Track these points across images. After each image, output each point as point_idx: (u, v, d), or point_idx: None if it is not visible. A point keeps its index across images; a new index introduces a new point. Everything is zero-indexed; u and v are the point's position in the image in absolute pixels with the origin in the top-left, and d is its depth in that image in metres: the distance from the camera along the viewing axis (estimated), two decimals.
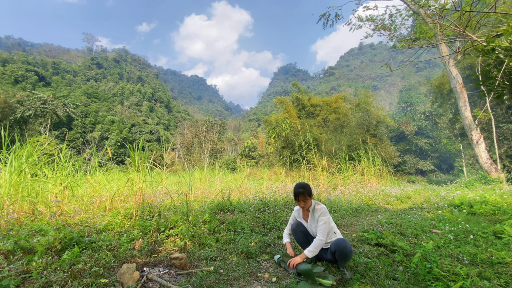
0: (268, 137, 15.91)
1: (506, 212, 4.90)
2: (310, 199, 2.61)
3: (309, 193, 2.58)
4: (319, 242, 2.42)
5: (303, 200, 2.59)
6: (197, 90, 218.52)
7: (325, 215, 2.51)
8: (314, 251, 2.42)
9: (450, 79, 11.25)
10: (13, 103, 35.35)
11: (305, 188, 2.57)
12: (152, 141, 55.18)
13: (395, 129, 34.10)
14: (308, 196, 2.58)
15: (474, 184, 9.65)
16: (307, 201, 2.61)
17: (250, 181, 8.35)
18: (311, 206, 2.66)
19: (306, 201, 2.60)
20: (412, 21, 10.16)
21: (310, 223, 2.68)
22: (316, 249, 2.42)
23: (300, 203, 2.62)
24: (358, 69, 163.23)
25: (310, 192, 2.59)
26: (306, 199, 2.59)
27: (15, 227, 2.91)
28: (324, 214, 2.52)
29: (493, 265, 2.57)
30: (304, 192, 2.57)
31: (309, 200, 2.61)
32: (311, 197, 2.62)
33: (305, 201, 2.60)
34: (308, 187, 2.59)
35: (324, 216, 2.51)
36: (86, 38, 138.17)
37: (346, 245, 2.36)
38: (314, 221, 2.63)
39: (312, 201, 2.65)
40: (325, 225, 2.47)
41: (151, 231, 3.30)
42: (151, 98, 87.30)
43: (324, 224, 2.47)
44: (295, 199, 2.63)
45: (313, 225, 2.64)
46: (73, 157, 5.64)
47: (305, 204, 2.62)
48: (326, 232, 2.47)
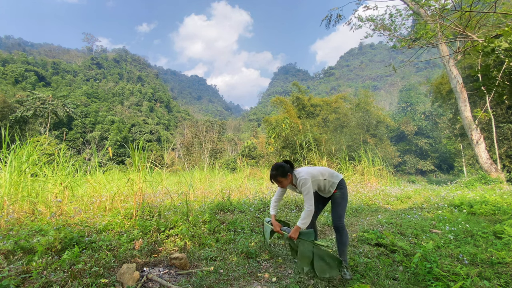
0: (268, 137, 15.91)
1: (506, 212, 4.90)
2: (286, 179, 2.52)
3: (282, 175, 2.49)
4: (308, 213, 2.41)
5: (277, 182, 2.54)
6: (197, 90, 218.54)
7: (306, 184, 2.44)
8: (305, 222, 2.41)
9: (450, 79, 11.25)
10: (12, 103, 35.35)
11: (277, 170, 2.50)
12: (152, 141, 55.18)
13: (395, 129, 34.12)
14: (282, 178, 2.50)
15: (474, 184, 9.65)
16: (283, 182, 2.53)
17: (250, 181, 8.35)
18: (292, 181, 2.57)
19: (282, 182, 2.53)
20: (412, 21, 10.15)
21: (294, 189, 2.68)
22: (306, 219, 2.41)
23: (279, 184, 2.57)
24: (358, 69, 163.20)
25: (283, 173, 2.49)
26: (281, 181, 2.52)
27: (15, 227, 2.91)
28: (305, 183, 2.44)
29: (493, 265, 2.57)
30: (276, 175, 2.50)
31: (285, 180, 2.52)
32: (287, 177, 2.52)
33: (280, 182, 2.54)
34: (280, 169, 2.50)
35: (304, 186, 2.44)
36: (86, 38, 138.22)
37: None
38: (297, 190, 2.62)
39: (292, 176, 2.56)
40: (308, 194, 2.43)
41: (151, 231, 3.30)
42: (151, 98, 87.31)
43: (308, 194, 2.43)
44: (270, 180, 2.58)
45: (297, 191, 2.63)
46: (73, 157, 5.62)
47: (282, 184, 2.56)
48: (312, 201, 2.44)
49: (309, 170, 2.57)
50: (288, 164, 2.58)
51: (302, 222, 2.40)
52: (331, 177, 2.60)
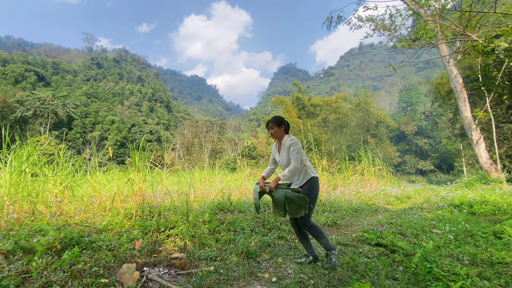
0: (268, 137, 15.90)
1: (506, 212, 4.90)
2: (279, 129, 2.67)
3: (277, 123, 2.66)
4: (293, 168, 2.49)
5: (270, 127, 2.67)
6: (197, 90, 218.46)
7: (296, 145, 2.55)
8: (286, 175, 2.50)
9: (450, 79, 11.25)
10: (12, 103, 35.34)
11: (275, 118, 2.68)
12: (152, 141, 55.17)
13: (395, 129, 34.12)
14: (276, 125, 2.65)
15: (474, 184, 9.65)
16: (275, 130, 2.66)
17: (250, 181, 8.34)
18: (283, 139, 2.69)
19: (274, 129, 2.66)
20: (412, 21, 10.15)
21: (282, 154, 2.70)
22: (289, 173, 2.49)
23: (269, 130, 2.69)
24: (358, 69, 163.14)
25: (279, 122, 2.66)
26: (273, 127, 2.66)
27: (15, 227, 2.91)
28: (295, 144, 2.56)
29: (493, 265, 2.57)
30: (273, 121, 2.66)
31: (278, 130, 2.66)
32: (281, 128, 2.68)
33: (272, 129, 2.67)
34: (278, 118, 2.69)
35: (295, 146, 2.55)
36: (86, 38, 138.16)
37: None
38: (285, 152, 2.66)
39: (285, 135, 2.71)
40: (297, 154, 2.52)
41: (151, 231, 3.30)
42: (151, 98, 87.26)
43: (297, 154, 2.52)
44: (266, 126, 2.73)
45: (285, 156, 2.67)
46: (73, 157, 5.62)
47: (273, 133, 2.67)
48: (299, 160, 2.53)
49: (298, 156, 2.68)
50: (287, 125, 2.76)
51: (283, 174, 2.52)
52: (310, 168, 2.66)
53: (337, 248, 2.68)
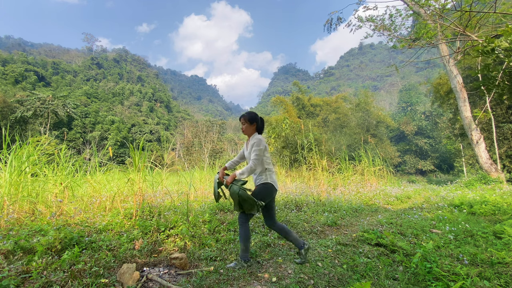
0: (268, 137, 15.90)
1: (506, 212, 4.90)
2: (250, 126, 2.65)
3: (250, 120, 2.64)
4: (249, 168, 2.52)
5: (242, 123, 2.67)
6: (197, 90, 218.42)
7: (259, 146, 2.53)
8: (242, 174, 2.52)
9: (450, 79, 11.24)
10: (12, 103, 35.33)
11: (249, 114, 2.66)
12: (152, 141, 55.17)
13: (395, 129, 34.11)
14: (248, 122, 2.64)
15: (474, 184, 9.65)
16: (246, 126, 2.65)
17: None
18: (252, 133, 2.69)
19: (245, 125, 2.65)
20: (412, 21, 10.15)
21: (248, 151, 2.69)
22: (245, 172, 2.52)
23: (241, 125, 2.70)
24: (358, 69, 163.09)
25: (251, 119, 2.64)
26: (244, 123, 2.65)
27: (15, 227, 2.91)
28: (258, 144, 2.54)
29: (493, 265, 2.57)
30: (245, 116, 2.65)
31: (248, 127, 2.65)
32: (252, 125, 2.66)
33: (243, 125, 2.67)
34: (252, 114, 2.66)
35: (257, 146, 2.54)
36: (86, 38, 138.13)
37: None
38: (250, 150, 2.66)
39: (255, 133, 2.69)
40: (257, 155, 2.52)
41: (151, 231, 3.30)
42: (151, 98, 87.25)
43: (257, 155, 2.52)
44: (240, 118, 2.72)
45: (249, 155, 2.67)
46: (73, 157, 5.63)
47: (244, 129, 2.68)
48: (258, 162, 2.53)
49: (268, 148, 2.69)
50: (261, 123, 2.73)
51: (240, 172, 2.54)
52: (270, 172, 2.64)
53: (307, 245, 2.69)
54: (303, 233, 3.90)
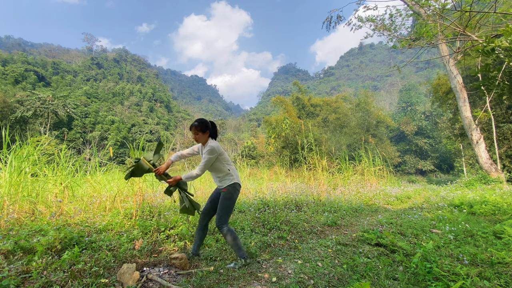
0: (268, 137, 15.91)
1: (506, 212, 4.90)
2: (203, 135, 2.58)
3: (201, 129, 2.56)
4: (194, 174, 2.54)
5: (194, 133, 2.58)
6: (197, 90, 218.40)
7: (210, 154, 2.50)
8: (187, 178, 2.57)
9: (450, 79, 11.25)
10: (12, 103, 35.33)
11: (199, 123, 2.57)
12: (152, 141, 55.15)
13: (395, 129, 34.11)
14: (200, 131, 2.56)
15: (474, 184, 9.65)
16: (199, 136, 2.58)
17: (250, 181, 8.35)
18: (205, 141, 2.63)
19: (198, 134, 2.57)
20: (412, 21, 10.14)
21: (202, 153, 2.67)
22: (189, 177, 2.56)
23: (193, 135, 2.61)
24: (358, 69, 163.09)
25: (203, 128, 2.56)
26: (196, 133, 2.57)
27: (15, 227, 2.91)
28: (210, 153, 2.50)
29: (493, 265, 2.57)
30: (196, 126, 2.56)
31: (202, 136, 2.58)
32: (205, 134, 2.58)
33: (196, 135, 2.58)
34: (203, 123, 2.57)
35: (209, 154, 2.50)
36: (86, 38, 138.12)
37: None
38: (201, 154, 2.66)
39: (209, 139, 2.62)
40: (206, 163, 2.51)
41: (151, 231, 3.30)
42: (151, 98, 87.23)
43: (206, 163, 2.51)
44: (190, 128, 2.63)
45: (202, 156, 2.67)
46: (73, 157, 5.65)
47: (197, 138, 2.60)
48: (205, 169, 2.53)
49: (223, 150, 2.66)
50: (213, 128, 2.66)
51: (185, 176, 2.57)
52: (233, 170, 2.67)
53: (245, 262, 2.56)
54: (303, 233, 3.90)
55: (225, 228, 2.59)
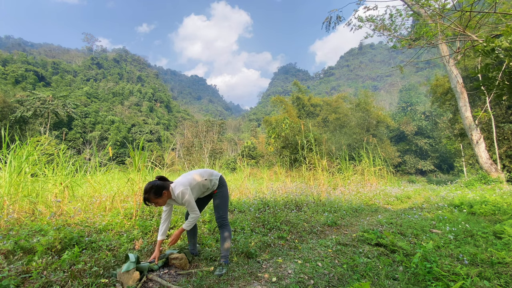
0: (268, 137, 15.91)
1: (506, 212, 4.90)
2: (161, 198, 2.32)
3: (155, 195, 2.29)
4: (194, 219, 2.48)
5: (154, 203, 2.33)
6: (197, 90, 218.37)
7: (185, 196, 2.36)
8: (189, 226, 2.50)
9: (450, 79, 11.25)
10: (12, 103, 35.32)
11: (148, 193, 2.27)
12: (152, 141, 55.19)
13: (395, 129, 34.10)
14: (157, 197, 2.30)
15: (474, 184, 9.65)
16: (160, 201, 2.34)
17: (250, 181, 8.35)
18: (171, 196, 2.41)
19: (158, 202, 2.33)
20: (412, 21, 10.14)
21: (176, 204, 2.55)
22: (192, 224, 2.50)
23: (152, 204, 2.36)
24: (358, 69, 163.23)
25: (156, 193, 2.29)
26: (156, 201, 2.32)
27: (15, 227, 2.91)
28: (183, 195, 2.36)
29: (493, 265, 2.57)
30: (149, 198, 2.28)
31: (161, 199, 2.33)
32: (162, 195, 2.31)
33: (157, 203, 2.34)
34: (153, 189, 2.28)
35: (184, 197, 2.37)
36: (86, 38, 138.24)
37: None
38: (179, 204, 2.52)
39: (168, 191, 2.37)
40: (191, 204, 2.42)
41: (151, 231, 3.30)
42: (151, 98, 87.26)
43: (190, 204, 2.41)
44: (145, 203, 2.34)
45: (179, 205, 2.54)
46: (73, 157, 5.64)
47: (159, 204, 2.37)
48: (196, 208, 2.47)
49: (184, 179, 2.49)
50: (162, 179, 2.42)
51: (187, 225, 2.50)
52: (211, 175, 2.65)
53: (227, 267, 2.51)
54: (303, 233, 3.90)
55: (228, 223, 2.65)
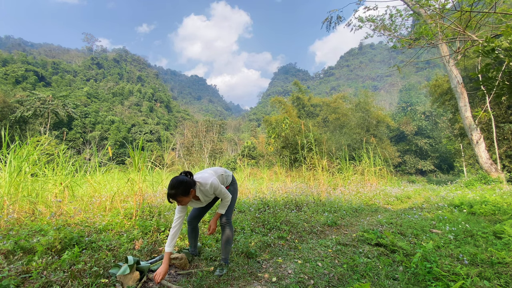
0: (268, 137, 15.92)
1: (506, 212, 4.90)
2: (188, 196, 2.21)
3: (183, 193, 2.17)
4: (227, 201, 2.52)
5: (178, 201, 2.22)
6: (197, 90, 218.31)
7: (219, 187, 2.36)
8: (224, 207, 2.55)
9: (450, 79, 11.25)
10: (12, 103, 35.33)
11: (177, 189, 2.15)
12: (152, 141, 55.20)
13: (395, 129, 34.08)
14: (184, 195, 2.19)
15: (474, 184, 9.65)
16: (184, 200, 2.22)
17: (250, 181, 8.34)
18: (195, 193, 2.31)
19: (183, 200, 2.22)
20: (412, 21, 10.15)
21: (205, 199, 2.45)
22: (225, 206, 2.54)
23: (178, 203, 2.26)
24: (358, 69, 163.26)
25: (184, 191, 2.17)
26: (180, 200, 2.21)
27: (15, 227, 2.91)
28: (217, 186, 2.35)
29: (493, 265, 2.57)
30: (176, 194, 2.15)
31: (187, 197, 2.21)
32: (189, 194, 2.21)
33: (180, 202, 2.22)
34: (181, 187, 2.16)
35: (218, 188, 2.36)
36: (86, 38, 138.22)
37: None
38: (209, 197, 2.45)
39: (194, 189, 2.28)
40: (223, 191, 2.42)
41: (151, 231, 3.30)
42: (151, 98, 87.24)
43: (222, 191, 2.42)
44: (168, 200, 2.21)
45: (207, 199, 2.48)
46: (73, 157, 5.65)
47: (183, 203, 2.26)
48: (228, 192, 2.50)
49: (209, 171, 2.49)
50: (189, 175, 2.30)
51: (222, 210, 2.55)
52: (225, 172, 2.69)
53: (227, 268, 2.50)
54: (303, 233, 3.90)
55: (231, 223, 2.64)
